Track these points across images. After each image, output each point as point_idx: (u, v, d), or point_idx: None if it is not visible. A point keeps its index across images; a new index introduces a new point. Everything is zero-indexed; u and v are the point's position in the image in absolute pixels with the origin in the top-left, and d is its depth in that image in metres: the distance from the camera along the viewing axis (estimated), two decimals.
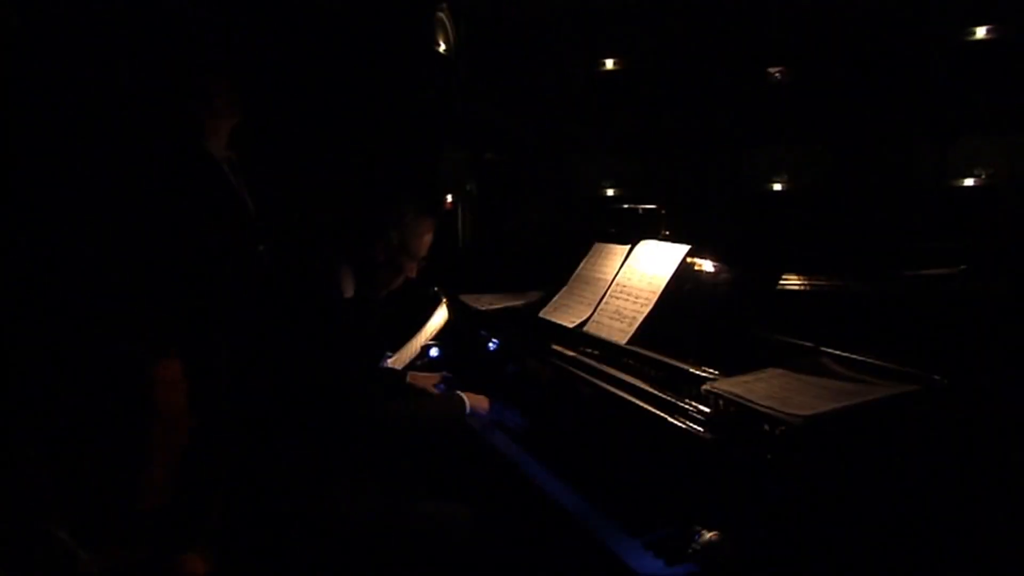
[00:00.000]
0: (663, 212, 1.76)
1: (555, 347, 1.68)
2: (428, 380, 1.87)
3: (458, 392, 1.57)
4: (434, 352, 2.01)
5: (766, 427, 1.09)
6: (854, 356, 1.30)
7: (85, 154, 1.82)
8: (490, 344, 1.90)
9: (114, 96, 1.85)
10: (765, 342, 1.44)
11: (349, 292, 1.51)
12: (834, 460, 1.07)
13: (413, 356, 2.00)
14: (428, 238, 1.55)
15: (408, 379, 1.87)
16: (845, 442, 1.09)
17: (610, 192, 2.71)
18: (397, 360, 1.99)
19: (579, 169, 2.65)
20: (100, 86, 1.85)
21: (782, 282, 1.53)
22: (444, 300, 2.08)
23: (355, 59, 2.44)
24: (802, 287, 1.53)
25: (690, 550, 1.07)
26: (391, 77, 2.49)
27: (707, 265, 1.62)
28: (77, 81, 1.81)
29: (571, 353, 1.62)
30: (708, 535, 1.07)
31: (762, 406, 1.12)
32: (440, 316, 2.07)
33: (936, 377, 1.18)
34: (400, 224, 1.49)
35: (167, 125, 1.76)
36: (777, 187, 2.32)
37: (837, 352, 1.34)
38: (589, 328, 1.67)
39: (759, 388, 1.21)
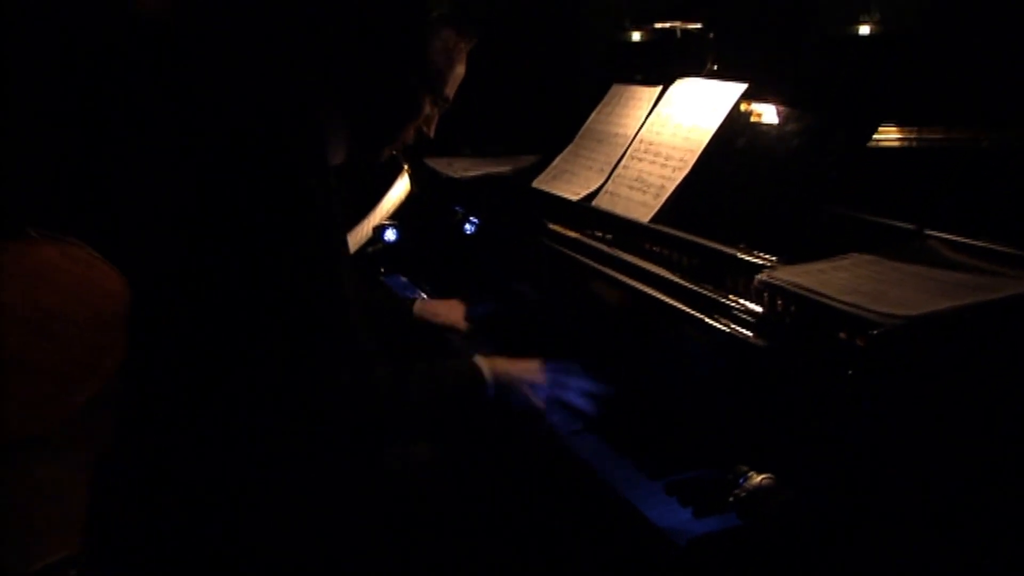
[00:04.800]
0: (711, 36, 1.60)
1: (553, 227, 1.61)
2: (450, 311, 1.63)
3: (476, 358, 1.22)
4: (390, 235, 1.92)
5: (844, 334, 0.98)
6: (976, 242, 1.19)
7: None
8: (467, 225, 1.83)
9: None
10: (847, 221, 1.31)
11: (339, 156, 1.19)
12: (945, 380, 0.97)
13: (363, 241, 1.94)
14: (461, 69, 1.22)
15: (417, 310, 1.62)
16: (962, 355, 0.98)
17: (636, 36, 2.44)
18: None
19: None
20: None
21: (877, 136, 1.38)
22: (406, 167, 2.01)
23: None
24: (906, 142, 1.38)
25: (731, 497, 0.97)
26: None
27: (769, 112, 1.47)
28: None
29: (574, 235, 1.55)
30: (758, 478, 0.97)
31: (842, 303, 1.00)
32: (400, 188, 2.00)
33: None
34: (423, 35, 1.14)
35: None
36: (864, 30, 2.03)
37: (951, 236, 1.21)
38: (600, 201, 1.59)
39: (838, 279, 1.09)
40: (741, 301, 1.14)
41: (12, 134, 1.67)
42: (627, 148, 1.61)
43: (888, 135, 1.40)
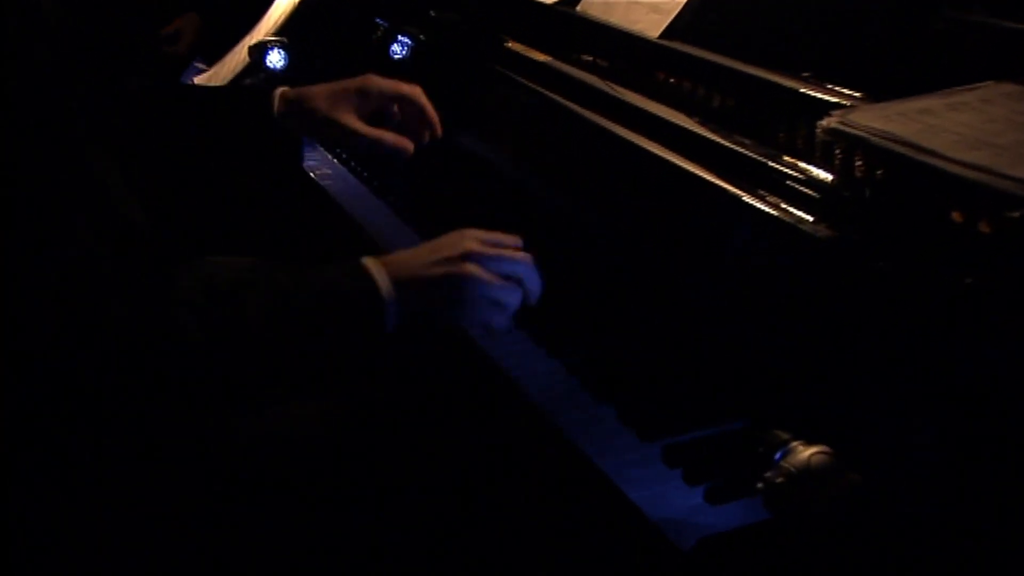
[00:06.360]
0: None
1: (514, 47, 1.61)
2: (335, 91, 1.39)
3: (362, 260, 1.10)
4: (276, 59, 1.87)
5: (959, 215, 0.92)
6: None
7: None
8: (394, 46, 1.83)
9: None
10: (973, 30, 1.20)
11: None
12: None
13: (238, 69, 1.91)
14: None
15: (277, 109, 1.37)
16: None
17: None
18: (213, 77, 1.95)
19: None
20: None
21: None
22: None
23: None
24: None
25: (760, 483, 0.92)
26: None
27: None
28: None
29: (543, 59, 1.55)
30: (805, 452, 0.92)
31: (959, 163, 0.93)
32: None
33: None
34: None
35: None
36: None
37: None
38: (588, 6, 1.56)
39: (954, 125, 1.01)
40: (800, 164, 1.11)
41: None
42: None
43: None
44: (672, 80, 1.35)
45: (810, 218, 1.05)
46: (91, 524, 1.08)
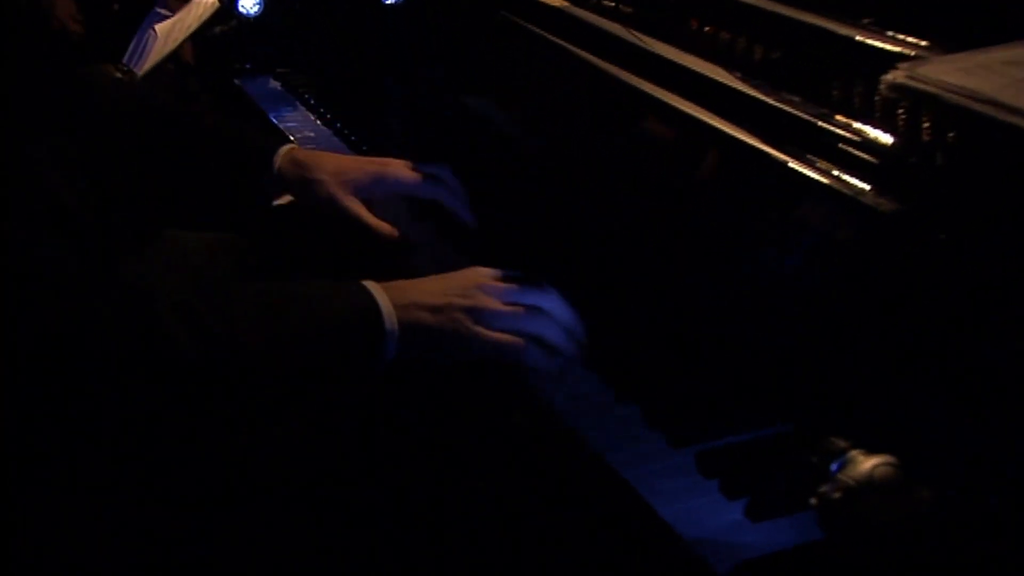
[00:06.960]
0: None
1: None
2: (348, 169, 1.45)
3: (364, 284, 1.16)
4: (250, 5, 1.91)
5: None
6: None
7: None
8: None
9: None
10: None
11: None
12: None
13: (205, 16, 1.91)
14: None
15: (284, 166, 1.45)
16: None
17: None
18: (174, 29, 1.92)
19: None
20: None
21: None
22: None
23: None
24: None
25: (813, 499, 0.89)
26: None
27: None
28: None
29: (558, 3, 1.55)
30: (867, 463, 0.88)
31: None
32: None
33: None
34: None
35: None
36: None
37: None
38: None
39: None
40: (855, 126, 1.10)
41: None
42: None
43: None
44: (708, 29, 1.34)
45: (868, 187, 1.03)
46: (85, 528, 1.12)
